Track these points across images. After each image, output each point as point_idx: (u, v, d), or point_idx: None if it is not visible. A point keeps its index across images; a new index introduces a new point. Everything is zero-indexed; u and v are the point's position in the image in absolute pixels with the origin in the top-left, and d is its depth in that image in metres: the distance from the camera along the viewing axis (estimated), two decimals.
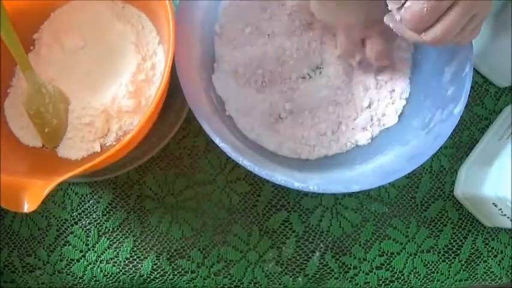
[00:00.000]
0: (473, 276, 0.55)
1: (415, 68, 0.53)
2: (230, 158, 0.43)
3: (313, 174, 0.47)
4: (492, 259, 0.55)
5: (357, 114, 0.52)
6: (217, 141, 0.43)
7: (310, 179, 0.45)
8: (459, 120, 0.46)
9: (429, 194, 0.55)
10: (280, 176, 0.43)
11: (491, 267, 0.55)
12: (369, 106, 0.52)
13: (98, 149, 0.49)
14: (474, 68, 0.55)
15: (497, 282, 0.55)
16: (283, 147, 0.50)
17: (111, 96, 0.48)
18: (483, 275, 0.55)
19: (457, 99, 0.46)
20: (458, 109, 0.45)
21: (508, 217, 0.49)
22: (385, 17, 0.44)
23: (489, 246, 0.55)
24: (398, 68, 0.53)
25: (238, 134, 0.48)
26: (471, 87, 0.46)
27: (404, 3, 0.39)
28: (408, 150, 0.47)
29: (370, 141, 0.51)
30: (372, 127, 0.52)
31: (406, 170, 0.44)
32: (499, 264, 0.55)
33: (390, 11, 0.43)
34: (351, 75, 0.53)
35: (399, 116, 0.52)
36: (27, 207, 0.39)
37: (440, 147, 0.45)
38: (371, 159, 0.49)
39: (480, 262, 0.55)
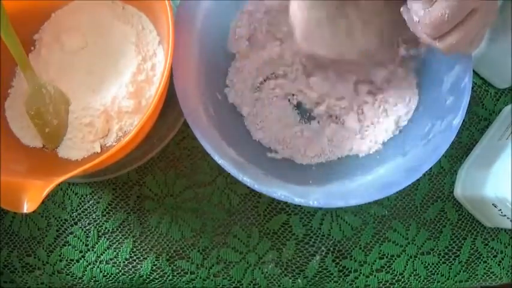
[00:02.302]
0: (473, 277, 0.54)
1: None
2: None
3: (313, 188, 0.47)
4: (492, 259, 0.55)
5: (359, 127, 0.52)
6: (216, 158, 0.43)
7: (312, 193, 0.45)
8: None
9: (428, 195, 0.55)
10: (281, 191, 0.43)
11: (491, 268, 0.55)
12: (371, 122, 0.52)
13: (98, 149, 0.49)
14: (473, 70, 0.55)
15: (497, 282, 0.55)
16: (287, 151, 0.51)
17: (112, 96, 0.48)
18: (483, 276, 0.54)
19: (456, 110, 0.46)
20: (457, 120, 0.45)
21: (508, 217, 0.48)
22: (401, 9, 0.43)
23: (489, 247, 0.55)
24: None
25: (236, 146, 0.48)
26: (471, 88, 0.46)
27: (433, 4, 0.39)
28: (407, 161, 0.47)
29: (369, 152, 0.51)
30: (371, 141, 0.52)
31: (404, 183, 0.44)
32: (499, 265, 0.55)
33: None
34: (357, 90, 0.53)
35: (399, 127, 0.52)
36: (27, 207, 0.39)
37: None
38: (371, 170, 0.49)
39: (480, 263, 0.55)
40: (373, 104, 0.52)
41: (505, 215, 0.48)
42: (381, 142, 0.51)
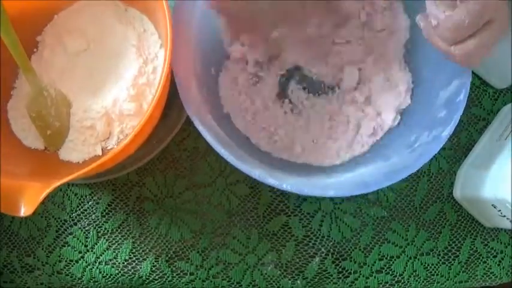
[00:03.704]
0: (473, 278, 0.54)
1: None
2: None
3: (292, 175, 0.47)
4: (491, 259, 0.54)
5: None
6: (199, 127, 0.43)
7: (289, 178, 0.45)
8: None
9: (427, 196, 0.55)
10: (257, 171, 0.43)
11: (491, 268, 0.54)
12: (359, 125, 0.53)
13: (100, 152, 0.49)
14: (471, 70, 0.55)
15: (497, 282, 0.55)
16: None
17: (113, 99, 0.48)
18: (483, 276, 0.54)
19: (446, 124, 0.45)
20: (447, 133, 0.45)
21: (507, 218, 0.48)
22: (417, 18, 0.43)
23: (488, 247, 0.55)
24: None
25: (224, 128, 0.48)
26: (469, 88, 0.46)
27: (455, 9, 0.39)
28: (389, 165, 0.47)
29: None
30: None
31: (383, 183, 0.44)
32: (498, 265, 0.54)
33: None
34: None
35: (386, 132, 0.52)
36: (24, 211, 0.39)
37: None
38: (351, 170, 0.49)
39: (480, 263, 0.54)
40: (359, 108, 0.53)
41: (504, 216, 0.48)
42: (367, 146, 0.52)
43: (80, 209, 0.53)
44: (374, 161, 0.48)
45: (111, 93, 0.49)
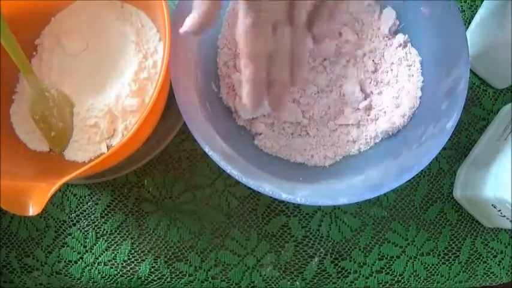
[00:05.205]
0: (473, 278, 0.54)
1: None
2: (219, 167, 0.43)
3: (301, 185, 0.46)
4: (492, 259, 0.54)
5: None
6: (206, 149, 0.43)
7: (300, 190, 0.44)
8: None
9: (428, 196, 0.55)
10: (269, 187, 0.43)
11: (491, 268, 0.54)
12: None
13: (105, 150, 0.50)
14: (471, 70, 0.55)
15: (497, 282, 0.54)
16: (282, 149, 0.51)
17: (115, 96, 0.49)
18: (483, 276, 0.54)
19: (450, 114, 0.45)
20: (451, 124, 0.45)
21: (507, 218, 0.48)
22: None
23: (488, 247, 0.54)
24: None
25: (229, 141, 0.48)
26: (469, 88, 0.46)
27: None
28: (398, 163, 0.47)
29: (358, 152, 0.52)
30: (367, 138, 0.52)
31: (393, 184, 0.43)
32: (498, 265, 0.54)
33: None
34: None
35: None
36: (33, 210, 0.39)
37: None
38: (361, 171, 0.48)
39: (480, 263, 0.54)
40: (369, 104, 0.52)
41: (504, 216, 0.48)
42: (373, 142, 0.51)
43: (79, 210, 0.53)
44: (384, 160, 0.48)
45: (113, 90, 0.49)
